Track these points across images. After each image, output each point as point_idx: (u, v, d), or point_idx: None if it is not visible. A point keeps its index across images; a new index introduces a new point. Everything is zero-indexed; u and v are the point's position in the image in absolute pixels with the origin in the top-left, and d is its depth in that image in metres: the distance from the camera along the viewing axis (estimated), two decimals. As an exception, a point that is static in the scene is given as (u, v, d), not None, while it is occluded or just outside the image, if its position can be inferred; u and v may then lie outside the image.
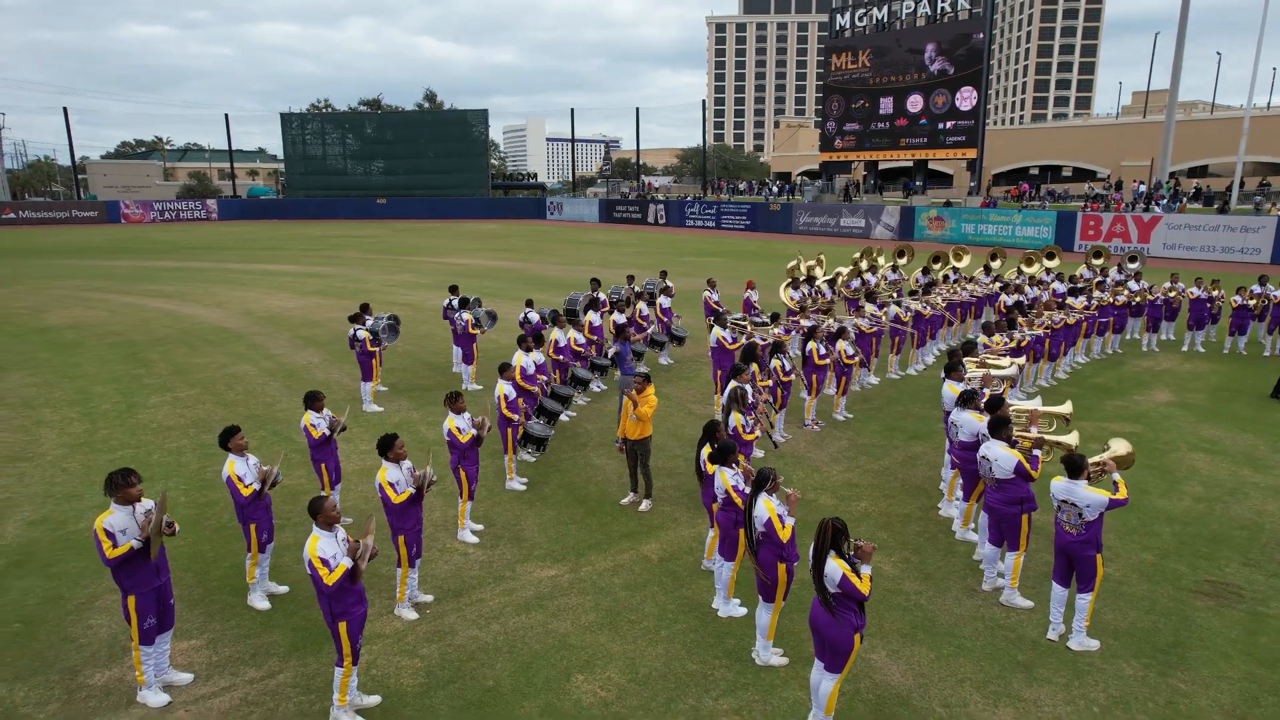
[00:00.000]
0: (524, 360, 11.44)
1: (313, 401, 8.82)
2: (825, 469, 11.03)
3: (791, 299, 17.35)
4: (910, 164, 57.60)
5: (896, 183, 63.97)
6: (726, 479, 7.09)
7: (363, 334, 13.29)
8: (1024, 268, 21.26)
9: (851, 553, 5.58)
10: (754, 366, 10.44)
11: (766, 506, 6.33)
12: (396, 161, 73.76)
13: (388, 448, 7.20)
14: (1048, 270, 20.69)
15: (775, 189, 67.27)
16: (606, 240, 49.61)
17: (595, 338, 14.85)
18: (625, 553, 8.56)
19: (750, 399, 9.13)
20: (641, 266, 34.79)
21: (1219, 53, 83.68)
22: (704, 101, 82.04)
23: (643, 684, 6.37)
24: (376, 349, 13.54)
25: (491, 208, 72.58)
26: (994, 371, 9.68)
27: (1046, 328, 14.20)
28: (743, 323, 13.66)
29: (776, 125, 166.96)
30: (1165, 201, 43.10)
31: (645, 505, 9.62)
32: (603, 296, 17.08)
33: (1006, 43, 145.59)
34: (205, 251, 42.88)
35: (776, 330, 13.62)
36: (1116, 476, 6.90)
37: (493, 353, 16.77)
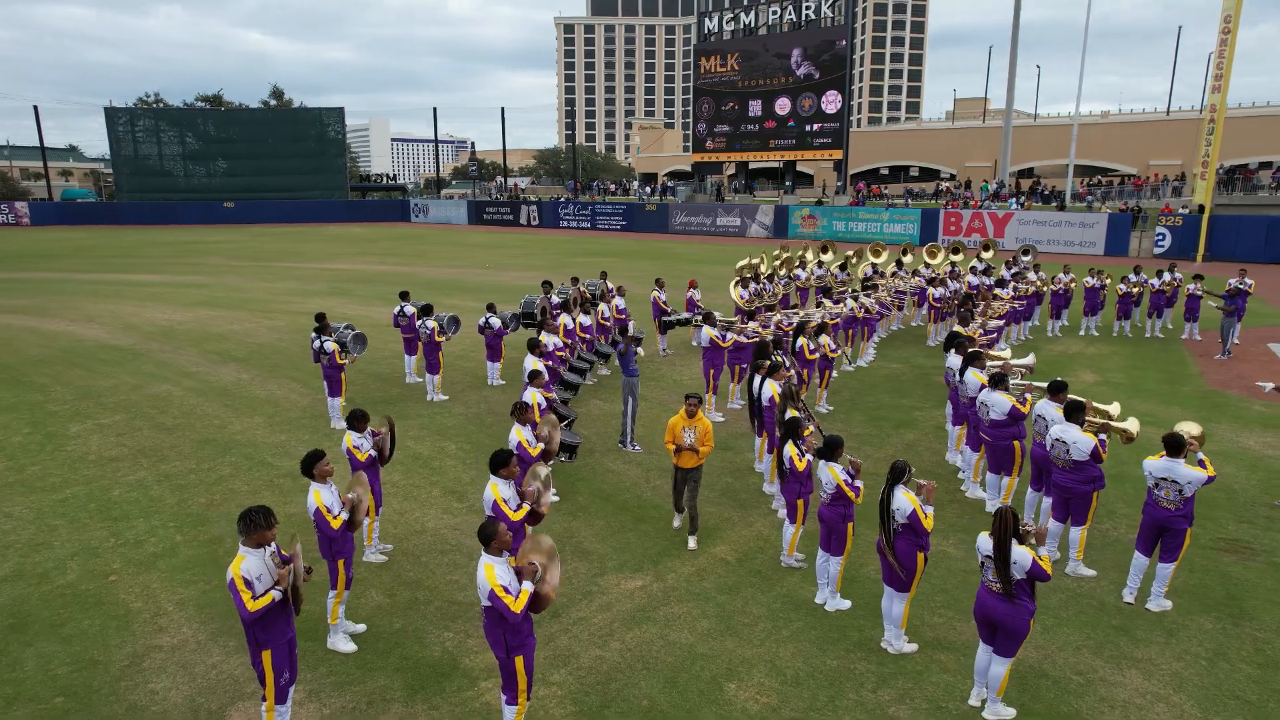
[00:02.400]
0: (547, 340, 11.98)
1: (357, 422, 8.08)
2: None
3: (741, 297, 17.64)
4: (779, 164, 60.00)
5: (764, 183, 66.41)
6: (838, 473, 7.14)
7: (331, 346, 12.32)
8: (928, 259, 22.63)
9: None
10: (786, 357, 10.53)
11: (908, 498, 6.43)
12: (243, 163, 68.70)
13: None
14: (952, 264, 22.14)
15: (649, 190, 68.13)
16: (488, 243, 48.50)
17: (570, 340, 14.50)
18: (699, 557, 8.42)
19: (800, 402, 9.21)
20: (535, 268, 34.32)
21: (1038, 66, 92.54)
22: (572, 102, 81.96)
23: (795, 685, 6.31)
24: (346, 361, 12.59)
25: (351, 211, 69.15)
26: (1013, 361, 10.27)
27: (999, 315, 15.21)
28: (731, 320, 13.74)
29: (629, 127, 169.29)
30: (1013, 199, 47.18)
31: (691, 544, 8.60)
32: (555, 299, 16.74)
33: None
34: (38, 260, 38.30)
35: (755, 325, 13.80)
36: (1202, 455, 7.49)
37: (460, 364, 16.02)
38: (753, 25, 55.86)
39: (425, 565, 8.25)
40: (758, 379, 10.43)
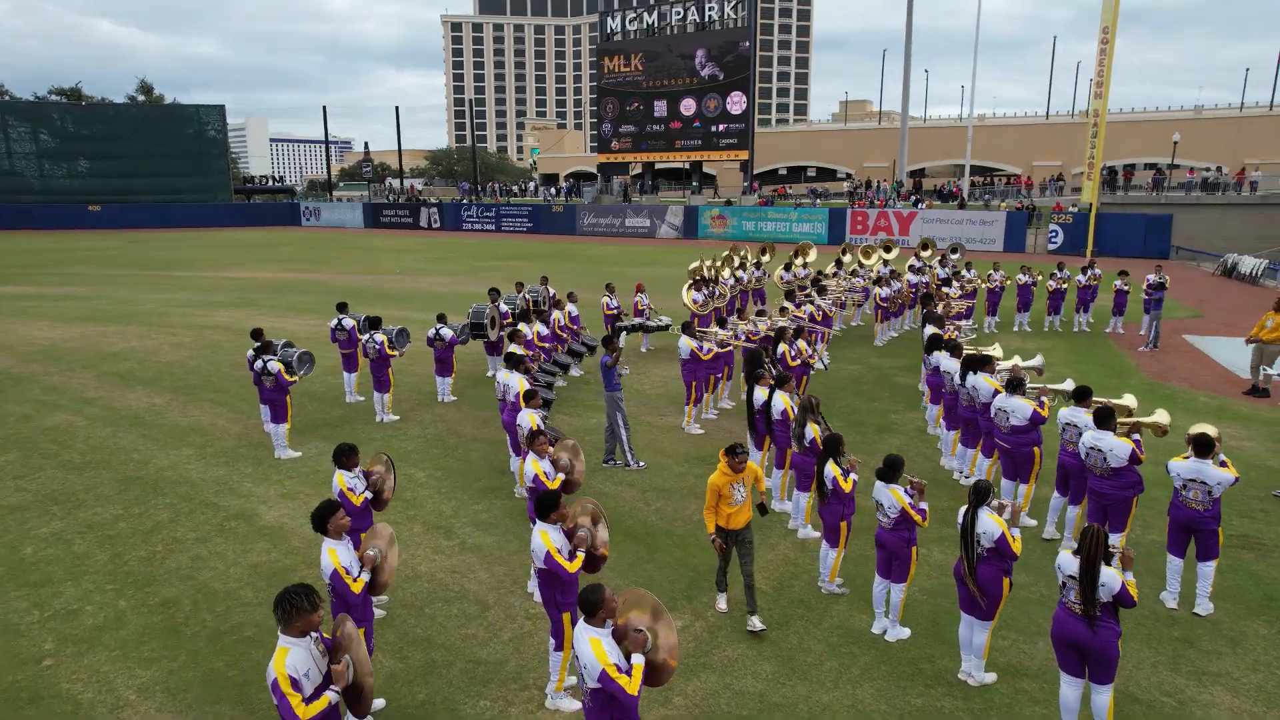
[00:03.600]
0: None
1: (345, 458, 6.98)
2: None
3: (695, 301, 17.11)
4: (684, 165, 60.09)
5: (667, 184, 66.46)
6: (901, 496, 6.62)
7: (275, 366, 10.97)
8: (864, 260, 22.77)
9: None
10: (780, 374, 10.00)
11: (995, 521, 5.97)
12: (109, 163, 63.27)
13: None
14: (885, 262, 22.34)
15: (554, 191, 66.97)
16: (391, 247, 46.34)
17: (530, 351, 13.54)
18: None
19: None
20: (451, 273, 32.90)
21: (926, 70, 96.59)
22: (463, 101, 79.53)
23: (889, 733, 5.74)
24: (293, 381, 11.25)
25: (236, 215, 64.97)
26: (1021, 364, 10.08)
27: (959, 313, 15.24)
28: (706, 330, 13.09)
29: (522, 127, 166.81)
30: (914, 198, 48.77)
31: (755, 625, 6.95)
32: (504, 306, 15.76)
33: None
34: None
35: (728, 334, 13.26)
36: (1223, 456, 7.37)
37: (403, 379, 14.73)
38: (656, 25, 55.71)
39: (432, 619, 7.24)
40: (759, 391, 9.88)
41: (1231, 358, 17.53)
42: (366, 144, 76.28)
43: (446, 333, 13.87)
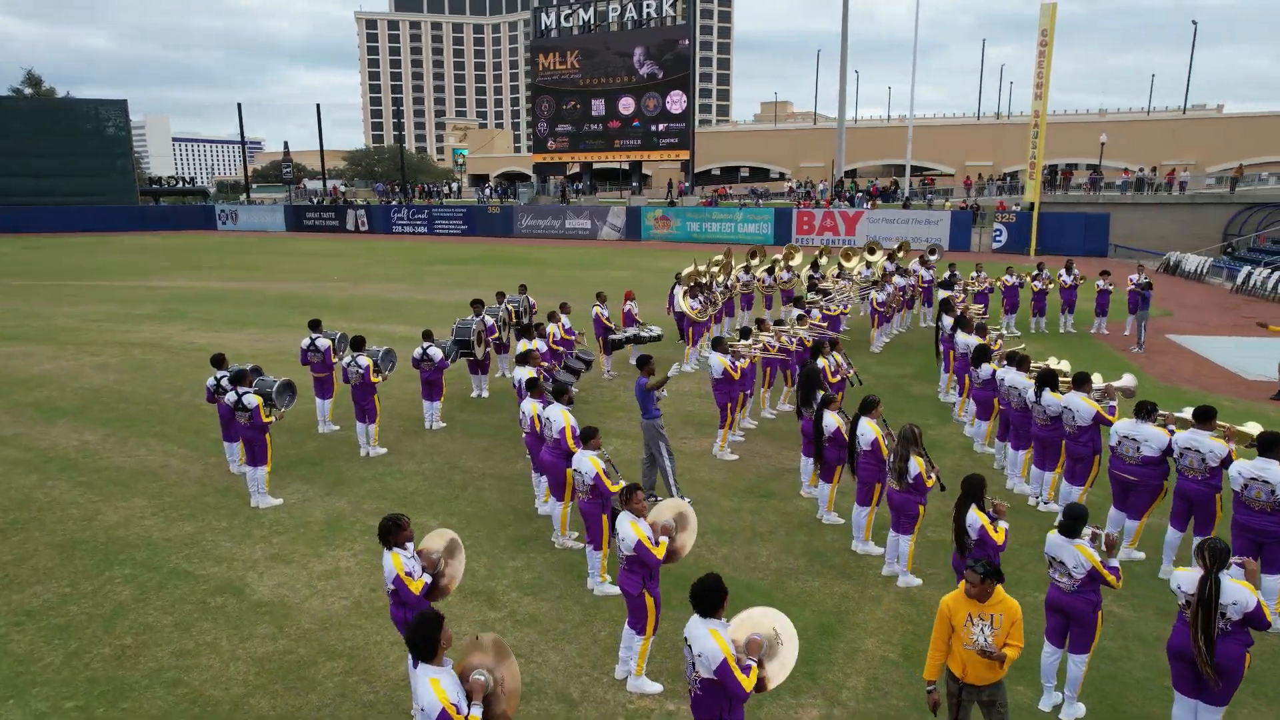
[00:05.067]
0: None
1: (394, 534, 5.43)
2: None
3: (692, 308, 15.92)
4: (622, 165, 58.90)
5: (604, 184, 65.16)
6: (1091, 552, 5.53)
7: (253, 400, 9.21)
8: (844, 262, 22.02)
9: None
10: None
11: (1245, 587, 4.94)
12: (-8, 161, 57.98)
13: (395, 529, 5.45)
14: (868, 264, 21.63)
15: (486, 191, 64.77)
16: (321, 251, 43.62)
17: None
18: (856, 658, 6.52)
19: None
20: (395, 279, 30.86)
21: (857, 72, 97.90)
22: (380, 100, 76.33)
23: None
24: (273, 419, 9.49)
25: (144, 218, 60.46)
26: (1115, 384, 9.17)
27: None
28: (735, 344, 11.81)
29: (442, 127, 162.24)
30: (859, 198, 48.80)
31: None
32: (489, 320, 14.24)
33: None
34: None
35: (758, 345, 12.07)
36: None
37: (389, 405, 13.03)
38: (592, 22, 54.32)
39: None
40: (831, 415, 8.74)
41: (1228, 358, 17.37)
42: (286, 144, 72.30)
43: (435, 352, 12.26)
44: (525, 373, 10.23)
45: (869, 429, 8.03)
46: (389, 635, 6.74)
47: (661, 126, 53.82)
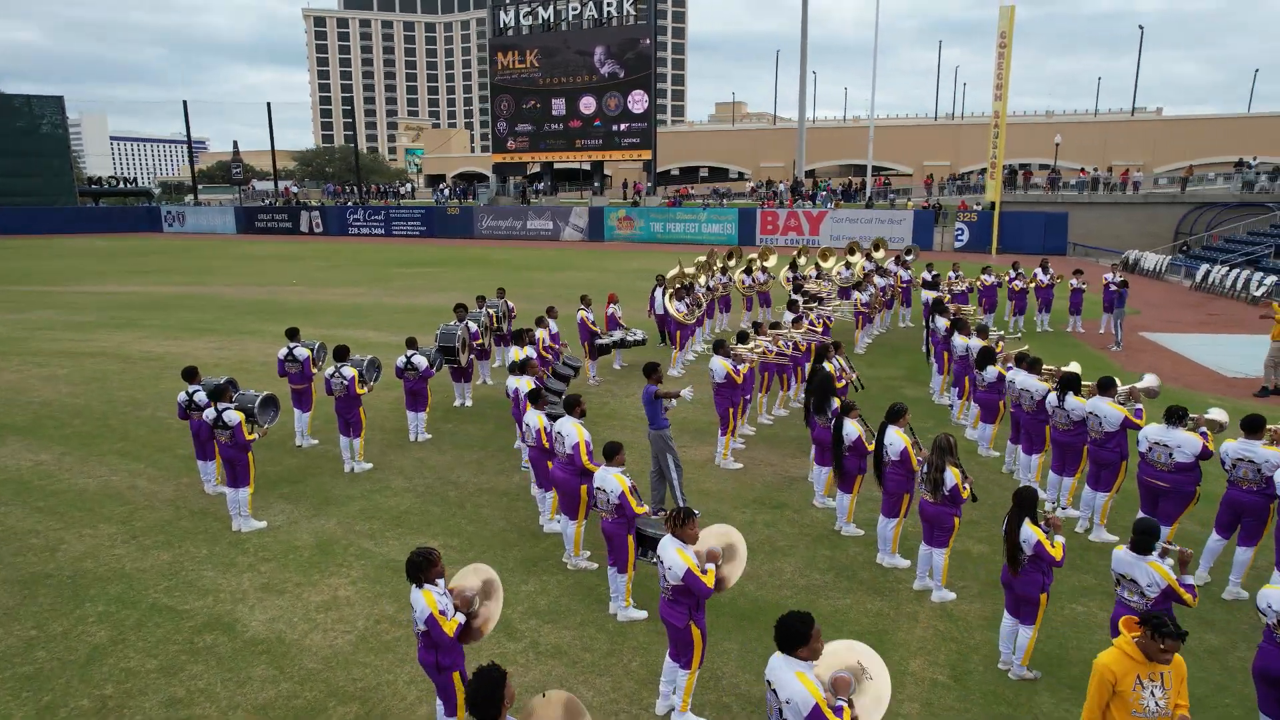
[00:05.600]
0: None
1: (424, 570, 4.91)
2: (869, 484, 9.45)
3: (678, 311, 15.55)
4: (583, 165, 58.34)
5: (567, 184, 64.51)
6: (1167, 572, 5.25)
7: (234, 416, 8.53)
8: (821, 262, 21.87)
9: None
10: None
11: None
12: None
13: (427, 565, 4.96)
14: (848, 264, 21.49)
15: (444, 192, 63.57)
16: (275, 254, 42.24)
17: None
18: (906, 680, 6.18)
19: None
20: (358, 283, 29.93)
21: (815, 73, 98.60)
22: (330, 100, 74.54)
23: None
24: (255, 437, 8.82)
25: (85, 220, 58.05)
26: (1138, 386, 9.01)
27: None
28: (738, 347, 11.42)
29: (394, 127, 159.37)
30: (822, 197, 49.01)
31: None
32: (472, 326, 13.67)
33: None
34: None
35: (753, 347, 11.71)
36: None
37: (369, 416, 12.36)
38: (551, 21, 53.67)
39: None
40: (851, 423, 8.41)
41: (1206, 356, 17.56)
42: (235, 143, 69.98)
43: (420, 361, 11.66)
44: (523, 383, 9.74)
45: (898, 438, 7.73)
46: (403, 673, 6.21)
47: (623, 126, 53.41)
